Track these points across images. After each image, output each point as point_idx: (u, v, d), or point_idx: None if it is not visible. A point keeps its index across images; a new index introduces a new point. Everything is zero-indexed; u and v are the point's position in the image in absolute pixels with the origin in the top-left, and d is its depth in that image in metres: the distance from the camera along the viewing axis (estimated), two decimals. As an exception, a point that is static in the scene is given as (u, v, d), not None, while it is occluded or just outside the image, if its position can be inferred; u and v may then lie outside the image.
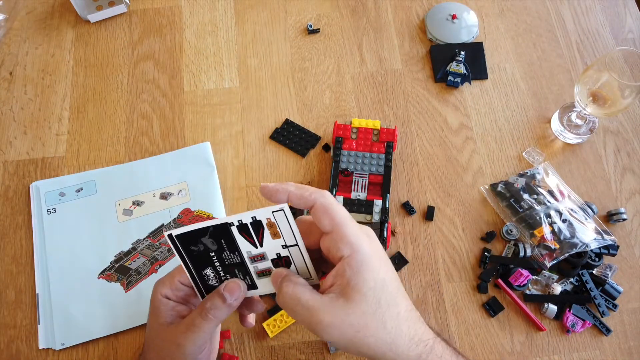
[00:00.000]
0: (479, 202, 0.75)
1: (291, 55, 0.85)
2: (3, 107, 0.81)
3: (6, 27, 0.86)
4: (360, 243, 0.44)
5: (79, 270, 0.69)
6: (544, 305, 0.68)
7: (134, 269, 0.69)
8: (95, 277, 0.69)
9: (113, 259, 0.70)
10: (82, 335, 0.66)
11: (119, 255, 0.70)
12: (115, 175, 0.75)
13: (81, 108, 0.81)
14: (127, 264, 0.70)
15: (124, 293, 0.68)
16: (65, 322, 0.66)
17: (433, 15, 0.87)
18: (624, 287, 0.69)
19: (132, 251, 0.70)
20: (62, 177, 0.75)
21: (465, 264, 0.71)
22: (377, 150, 0.74)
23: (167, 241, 0.47)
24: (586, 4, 0.90)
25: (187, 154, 0.77)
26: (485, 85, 0.83)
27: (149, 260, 0.70)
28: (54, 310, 0.67)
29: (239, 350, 0.67)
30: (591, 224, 0.70)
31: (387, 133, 0.75)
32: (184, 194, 0.73)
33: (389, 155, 0.73)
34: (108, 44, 0.85)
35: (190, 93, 0.82)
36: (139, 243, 0.71)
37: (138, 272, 0.69)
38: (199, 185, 0.74)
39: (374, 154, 0.73)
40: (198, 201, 0.73)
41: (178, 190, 0.74)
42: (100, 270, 0.69)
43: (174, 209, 0.73)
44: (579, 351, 0.67)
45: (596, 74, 0.70)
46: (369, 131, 0.75)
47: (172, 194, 0.73)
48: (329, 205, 0.44)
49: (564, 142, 0.79)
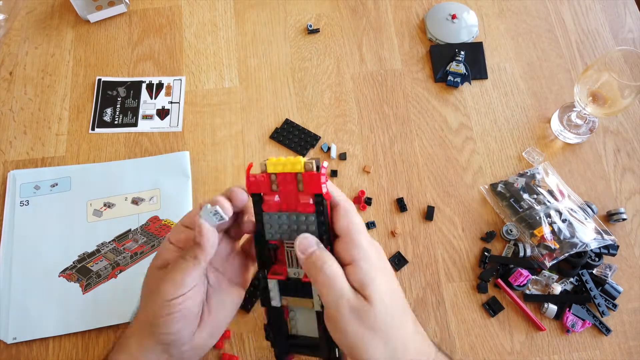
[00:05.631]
0: (479, 202, 0.75)
1: (291, 55, 0.85)
2: (3, 107, 0.81)
3: (6, 27, 0.86)
4: (370, 252, 0.45)
5: (42, 266, 0.69)
6: (543, 305, 0.68)
7: (95, 271, 0.69)
8: (56, 275, 0.69)
9: (76, 259, 0.70)
10: (35, 331, 0.66)
11: (82, 256, 0.70)
12: (91, 173, 0.75)
13: (81, 108, 0.81)
14: (89, 265, 0.69)
15: (81, 294, 0.68)
16: (21, 316, 0.66)
17: (433, 15, 0.87)
18: (624, 287, 0.69)
19: (96, 253, 0.70)
20: (40, 169, 0.75)
21: (465, 264, 0.71)
22: (303, 209, 0.47)
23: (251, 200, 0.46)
24: (586, 4, 0.90)
25: (165, 161, 0.76)
26: (485, 85, 0.83)
27: (111, 265, 0.70)
28: (11, 303, 0.67)
29: (239, 350, 0.67)
30: (591, 224, 0.70)
31: (310, 180, 0.46)
32: (155, 200, 0.73)
33: (320, 216, 0.47)
34: (108, 44, 0.85)
35: (190, 93, 0.82)
36: (103, 246, 0.71)
37: (98, 275, 0.69)
38: (172, 193, 0.74)
39: (300, 215, 0.47)
40: (168, 210, 0.73)
41: (150, 196, 0.73)
42: (62, 269, 0.69)
43: (143, 215, 0.72)
44: (579, 351, 0.67)
45: (596, 74, 0.70)
46: (292, 177, 0.47)
47: (144, 200, 0.73)
48: (350, 211, 0.47)
49: (564, 142, 0.79)
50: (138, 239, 0.71)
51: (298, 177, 0.46)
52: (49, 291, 0.68)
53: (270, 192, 0.48)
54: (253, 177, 0.48)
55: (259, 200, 0.48)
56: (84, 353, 0.66)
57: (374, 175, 0.77)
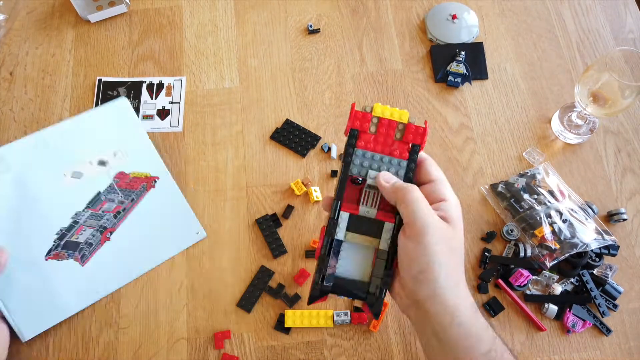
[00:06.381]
0: (480, 202, 0.75)
1: (291, 55, 0.85)
2: (3, 107, 0.81)
3: (6, 27, 0.86)
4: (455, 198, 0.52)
5: (24, 255, 0.66)
6: (544, 305, 0.68)
7: (83, 241, 0.68)
8: (43, 259, 0.67)
9: (56, 237, 0.68)
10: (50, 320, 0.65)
11: (60, 232, 0.68)
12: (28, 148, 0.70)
13: (82, 108, 0.81)
14: (74, 238, 0.68)
15: (81, 268, 0.67)
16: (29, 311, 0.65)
17: (433, 15, 0.87)
18: (624, 287, 0.69)
19: (74, 225, 0.68)
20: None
21: (466, 264, 0.71)
22: (398, 155, 0.54)
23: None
24: (586, 4, 0.90)
25: (108, 113, 0.72)
26: (485, 86, 0.83)
27: (98, 230, 0.68)
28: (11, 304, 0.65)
29: (239, 350, 0.67)
30: (591, 224, 0.70)
31: (415, 132, 0.54)
32: (121, 155, 0.70)
33: (412, 163, 0.53)
34: (108, 44, 0.85)
35: (190, 93, 0.82)
36: (78, 215, 0.69)
37: (89, 244, 0.68)
38: (129, 144, 0.71)
39: (394, 159, 0.54)
40: (133, 162, 0.71)
41: (113, 152, 0.70)
42: (46, 252, 0.67)
43: (112, 174, 0.70)
44: (579, 351, 0.67)
45: (596, 74, 0.70)
46: (393, 125, 0.54)
47: (108, 160, 0.70)
48: (433, 163, 0.54)
49: (565, 142, 0.79)
50: (113, 198, 0.70)
51: (399, 126, 0.54)
52: (45, 277, 0.66)
53: (366, 132, 0.54)
54: (359, 112, 0.54)
55: (356, 136, 0.54)
56: (84, 353, 0.66)
57: (374, 176, 0.77)
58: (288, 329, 0.67)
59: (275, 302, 0.69)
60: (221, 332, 0.67)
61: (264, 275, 0.70)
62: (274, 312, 0.68)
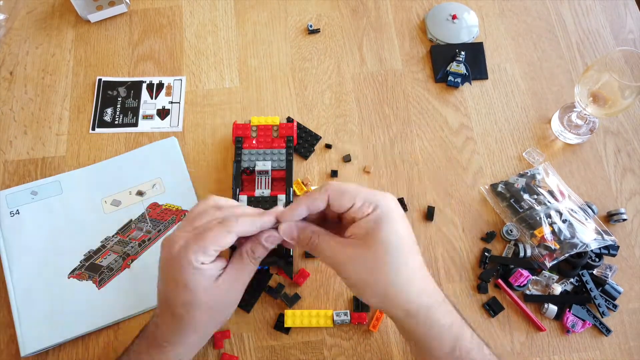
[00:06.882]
0: (479, 202, 0.75)
1: (291, 55, 0.85)
2: (3, 106, 0.81)
3: (6, 27, 0.86)
4: (378, 199, 0.50)
5: (50, 271, 0.69)
6: (544, 305, 0.68)
7: (105, 265, 0.69)
8: (66, 277, 0.69)
9: (82, 258, 0.70)
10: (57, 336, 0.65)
11: (88, 254, 0.70)
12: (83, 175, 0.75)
13: (81, 108, 0.81)
14: (98, 261, 0.70)
15: (97, 290, 0.68)
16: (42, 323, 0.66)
17: (433, 16, 0.87)
18: (624, 288, 0.69)
19: (102, 249, 0.70)
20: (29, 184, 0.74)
21: (465, 264, 0.71)
22: (277, 146, 0.73)
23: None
24: (586, 4, 0.90)
25: (155, 149, 0.77)
26: (485, 86, 0.83)
27: (121, 256, 0.70)
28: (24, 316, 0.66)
29: (239, 350, 0.67)
30: (591, 224, 0.70)
31: (287, 128, 0.74)
32: (158, 188, 0.74)
33: (289, 149, 0.72)
34: (108, 44, 0.85)
35: (190, 93, 0.82)
36: (107, 240, 0.71)
37: (110, 269, 0.69)
38: (169, 178, 0.75)
39: (274, 150, 0.72)
40: (170, 195, 0.74)
41: (152, 184, 0.74)
42: (70, 270, 0.69)
43: (146, 204, 0.73)
44: (579, 351, 0.67)
45: (596, 75, 0.70)
46: (269, 128, 0.74)
47: (147, 189, 0.74)
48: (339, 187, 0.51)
49: (564, 143, 0.79)
50: (142, 227, 0.72)
51: (274, 127, 0.74)
52: (62, 294, 0.68)
53: (249, 138, 0.74)
54: (240, 124, 0.74)
55: (241, 141, 0.73)
56: (84, 353, 0.66)
57: (374, 176, 0.77)
58: (288, 328, 0.67)
59: (275, 302, 0.69)
60: (221, 332, 0.67)
61: (263, 275, 0.70)
62: (273, 312, 0.69)
